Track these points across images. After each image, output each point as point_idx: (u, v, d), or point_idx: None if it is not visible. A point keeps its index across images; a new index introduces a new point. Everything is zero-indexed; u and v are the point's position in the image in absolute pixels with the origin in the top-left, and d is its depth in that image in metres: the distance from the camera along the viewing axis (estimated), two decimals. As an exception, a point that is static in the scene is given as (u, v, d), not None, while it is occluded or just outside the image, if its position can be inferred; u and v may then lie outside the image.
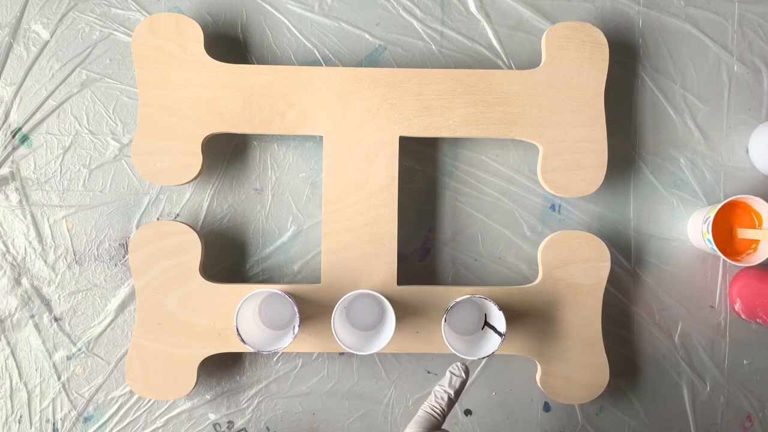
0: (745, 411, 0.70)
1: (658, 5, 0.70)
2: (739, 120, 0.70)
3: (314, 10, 0.70)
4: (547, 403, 0.70)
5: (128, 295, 0.69)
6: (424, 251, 0.70)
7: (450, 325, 0.68)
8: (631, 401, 0.70)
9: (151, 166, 0.65)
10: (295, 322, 0.63)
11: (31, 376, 0.69)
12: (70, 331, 0.69)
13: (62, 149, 0.69)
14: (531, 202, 0.70)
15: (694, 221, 0.68)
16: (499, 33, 0.70)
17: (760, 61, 0.70)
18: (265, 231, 0.70)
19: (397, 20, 0.70)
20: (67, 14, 0.69)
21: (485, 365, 0.70)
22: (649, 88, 0.70)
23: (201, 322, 0.65)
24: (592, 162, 0.66)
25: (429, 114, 0.65)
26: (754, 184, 0.70)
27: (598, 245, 0.66)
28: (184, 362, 0.65)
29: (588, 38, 0.66)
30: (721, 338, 0.70)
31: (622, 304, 0.70)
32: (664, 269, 0.70)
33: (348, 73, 0.65)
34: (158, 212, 0.69)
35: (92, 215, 0.69)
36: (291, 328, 0.64)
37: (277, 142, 0.70)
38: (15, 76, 0.69)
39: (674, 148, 0.70)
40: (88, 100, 0.69)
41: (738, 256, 0.66)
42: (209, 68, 0.65)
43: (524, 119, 0.66)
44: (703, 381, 0.70)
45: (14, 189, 0.69)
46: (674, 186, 0.70)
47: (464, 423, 0.70)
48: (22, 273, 0.69)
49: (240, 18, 0.69)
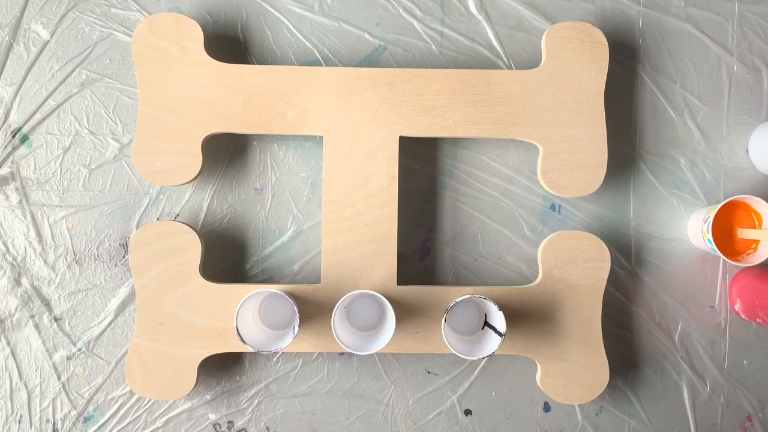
0: (745, 411, 0.70)
1: (658, 5, 0.70)
2: (739, 120, 0.70)
3: (314, 10, 0.70)
4: (547, 403, 0.70)
5: (128, 295, 0.69)
6: (424, 251, 0.70)
7: (450, 325, 0.68)
8: (631, 401, 0.70)
9: (151, 166, 0.65)
10: (295, 322, 0.63)
11: (31, 376, 0.69)
12: (70, 331, 0.69)
13: (62, 149, 0.69)
14: (531, 202, 0.70)
15: (694, 221, 0.68)
16: (499, 33, 0.70)
17: (760, 61, 0.70)
18: (265, 231, 0.70)
19: (397, 20, 0.70)
20: (67, 14, 0.69)
21: (485, 365, 0.70)
22: (649, 88, 0.70)
23: (201, 322, 0.65)
24: (592, 162, 0.66)
25: (429, 114, 0.66)
26: (754, 184, 0.70)
27: (598, 245, 0.66)
28: (184, 362, 0.65)
29: (588, 38, 0.66)
30: (721, 338, 0.70)
31: (622, 304, 0.70)
32: (664, 269, 0.70)
33: (348, 73, 0.65)
34: (158, 212, 0.69)
35: (92, 215, 0.69)
36: (291, 328, 0.64)
37: (277, 142, 0.70)
38: (15, 76, 0.69)
39: (674, 148, 0.70)
40: (88, 100, 0.69)
41: (738, 256, 0.66)
42: (209, 68, 0.65)
43: (524, 119, 0.66)
44: (703, 381, 0.70)
45: (14, 189, 0.69)
46: (674, 186, 0.70)
47: (464, 423, 0.70)
48: (22, 273, 0.69)
49: (240, 18, 0.69)
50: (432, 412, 0.70)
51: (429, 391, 0.70)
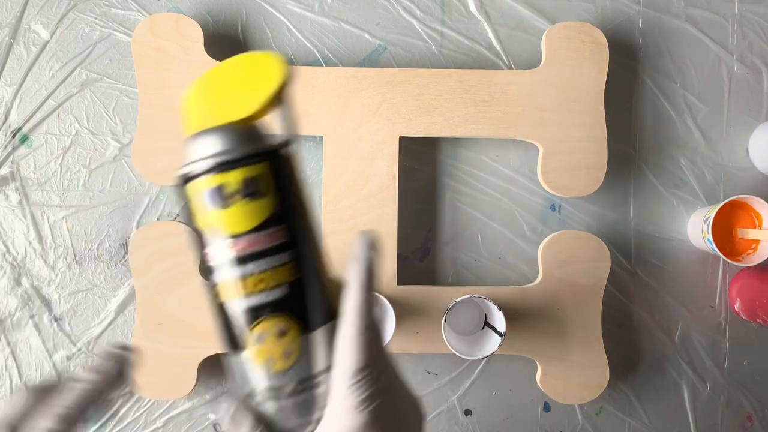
0: (745, 411, 0.70)
1: (658, 5, 0.70)
2: (739, 120, 0.70)
3: (314, 10, 0.70)
4: (547, 403, 0.70)
5: (128, 295, 0.69)
6: (424, 251, 0.70)
7: (450, 325, 0.68)
8: (631, 401, 0.70)
9: (151, 166, 0.65)
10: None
11: (31, 376, 0.69)
12: (70, 331, 0.69)
13: (62, 149, 0.69)
14: (531, 202, 0.70)
15: (694, 221, 0.68)
16: (499, 33, 0.70)
17: (760, 61, 0.70)
18: (265, 231, 0.70)
19: (397, 20, 0.70)
20: (67, 14, 0.69)
21: (485, 365, 0.70)
22: (649, 88, 0.70)
23: (201, 322, 0.65)
24: (592, 162, 0.66)
25: (429, 114, 0.65)
26: (754, 184, 0.70)
27: (598, 245, 0.66)
28: (184, 362, 0.65)
29: (588, 38, 0.66)
30: (721, 338, 0.70)
31: (622, 304, 0.70)
32: (664, 269, 0.70)
33: (348, 73, 0.65)
34: (158, 212, 0.69)
35: (92, 215, 0.69)
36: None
37: (277, 142, 0.70)
38: (15, 76, 0.69)
39: (674, 148, 0.70)
40: (88, 100, 0.69)
41: (738, 256, 0.66)
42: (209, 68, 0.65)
43: (524, 119, 0.66)
44: (703, 381, 0.70)
45: (14, 189, 0.69)
46: (674, 186, 0.70)
47: (464, 423, 0.70)
48: (22, 273, 0.69)
49: (240, 18, 0.69)
50: (432, 412, 0.70)
51: (429, 391, 0.70)
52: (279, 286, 0.32)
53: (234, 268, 0.32)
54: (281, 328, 0.32)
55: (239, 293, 0.32)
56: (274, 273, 0.32)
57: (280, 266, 0.32)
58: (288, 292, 0.32)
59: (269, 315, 0.32)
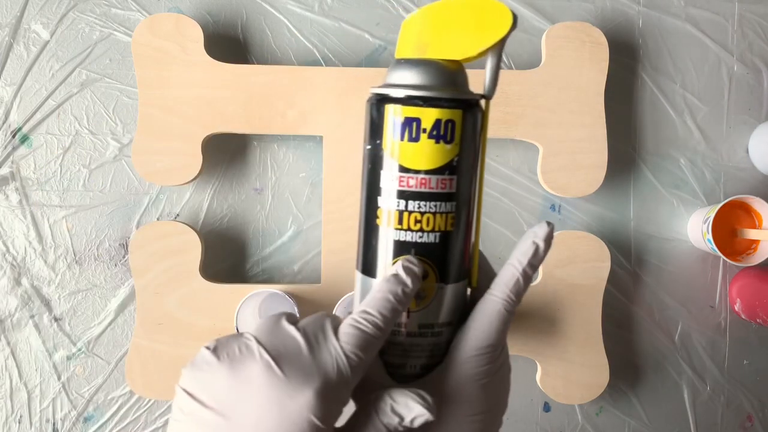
0: (745, 411, 0.70)
1: (658, 5, 0.70)
2: (739, 120, 0.70)
3: (314, 10, 0.70)
4: (547, 403, 0.70)
5: (128, 295, 0.69)
6: (424, 251, 0.70)
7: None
8: (631, 401, 0.70)
9: (151, 166, 0.65)
10: (295, 322, 0.63)
11: (31, 376, 0.69)
12: (70, 331, 0.69)
13: (62, 149, 0.69)
14: (531, 202, 0.70)
15: (694, 221, 0.68)
16: (499, 33, 0.70)
17: (760, 61, 0.70)
18: (265, 231, 0.70)
19: (397, 20, 0.70)
20: (67, 14, 0.69)
21: (485, 365, 0.70)
22: (649, 88, 0.70)
23: (201, 322, 0.65)
24: (592, 162, 0.66)
25: (429, 114, 0.65)
26: (754, 184, 0.70)
27: (598, 245, 0.66)
28: (184, 362, 0.65)
29: (588, 38, 0.66)
30: (721, 338, 0.70)
31: (622, 304, 0.70)
32: (664, 269, 0.70)
33: (348, 73, 0.65)
34: (158, 212, 0.69)
35: (92, 215, 0.69)
36: (291, 328, 0.64)
37: (277, 142, 0.70)
38: (15, 76, 0.69)
39: (674, 148, 0.70)
40: (88, 100, 0.69)
41: (738, 256, 0.66)
42: (209, 68, 0.65)
43: (524, 119, 0.66)
44: (703, 381, 0.70)
45: (14, 189, 0.69)
46: (674, 186, 0.70)
47: (464, 423, 0.70)
48: (22, 273, 0.69)
49: (240, 18, 0.69)
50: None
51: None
52: (433, 232, 0.32)
53: (400, 200, 0.32)
54: (422, 270, 0.32)
55: (396, 224, 0.33)
56: (433, 218, 0.32)
57: (440, 213, 0.32)
58: (438, 240, 0.33)
59: (414, 255, 0.33)
